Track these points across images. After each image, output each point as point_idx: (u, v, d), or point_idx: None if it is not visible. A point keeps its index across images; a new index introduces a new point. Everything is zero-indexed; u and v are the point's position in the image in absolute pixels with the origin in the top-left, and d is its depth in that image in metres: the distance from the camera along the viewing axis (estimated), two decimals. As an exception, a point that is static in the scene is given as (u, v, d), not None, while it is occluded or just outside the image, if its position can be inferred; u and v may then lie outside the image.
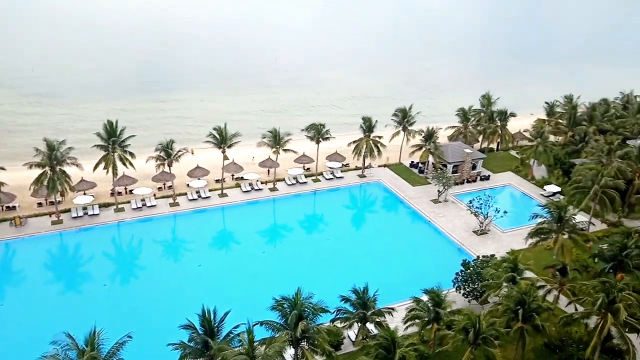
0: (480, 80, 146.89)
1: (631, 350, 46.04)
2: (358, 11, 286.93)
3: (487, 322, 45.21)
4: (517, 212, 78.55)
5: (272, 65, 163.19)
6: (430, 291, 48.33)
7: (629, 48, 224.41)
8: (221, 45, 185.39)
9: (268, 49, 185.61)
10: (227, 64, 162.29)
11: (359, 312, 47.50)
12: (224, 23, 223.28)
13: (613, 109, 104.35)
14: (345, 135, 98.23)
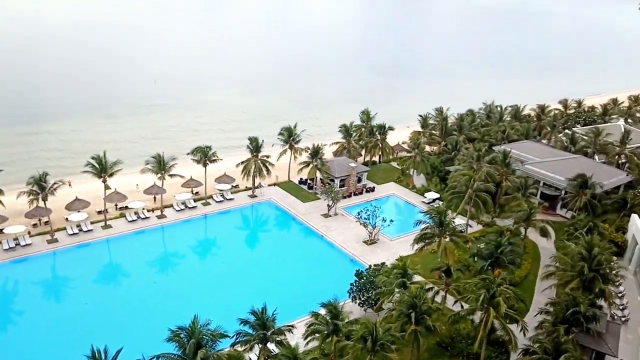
0: (359, 97, 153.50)
1: (513, 340, 50.02)
2: (234, 34, 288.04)
3: (383, 329, 46.81)
4: (402, 220, 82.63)
5: (151, 88, 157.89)
6: (328, 304, 49.06)
7: (487, 62, 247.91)
8: (94, 69, 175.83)
9: (146, 72, 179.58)
10: (102, 89, 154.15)
11: (259, 333, 46.87)
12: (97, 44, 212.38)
13: (478, 119, 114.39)
14: (233, 157, 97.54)
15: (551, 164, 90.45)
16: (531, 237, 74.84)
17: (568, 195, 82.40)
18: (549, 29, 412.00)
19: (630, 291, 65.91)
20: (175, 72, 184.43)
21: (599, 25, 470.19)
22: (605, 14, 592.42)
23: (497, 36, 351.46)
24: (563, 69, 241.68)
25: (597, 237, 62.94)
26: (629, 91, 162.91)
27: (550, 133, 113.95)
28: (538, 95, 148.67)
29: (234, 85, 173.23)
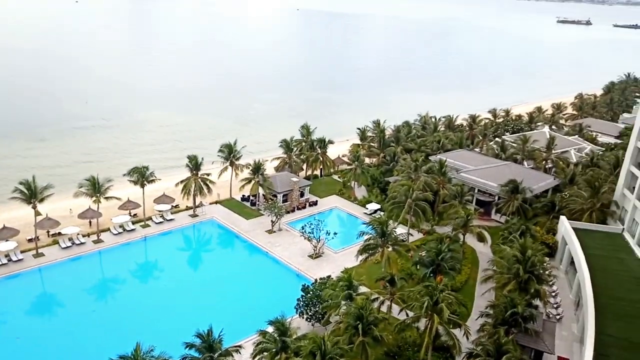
0: (298, 112, 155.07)
1: (457, 344, 51.37)
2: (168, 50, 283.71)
3: (331, 342, 46.85)
4: (346, 232, 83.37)
5: (83, 109, 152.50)
6: (275, 321, 48.66)
7: (420, 74, 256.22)
8: (17, 89, 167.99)
9: (77, 91, 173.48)
10: (28, 111, 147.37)
11: (206, 356, 45.80)
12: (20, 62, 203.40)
13: (414, 130, 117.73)
14: (171, 176, 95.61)
15: (484, 171, 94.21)
16: (469, 242, 77.46)
17: (501, 201, 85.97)
18: (476, 42, 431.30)
19: (562, 290, 69.32)
20: (109, 91, 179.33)
21: (523, 38, 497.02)
22: (527, 27, 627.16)
23: (427, 49, 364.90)
24: (490, 80, 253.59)
25: (529, 240, 66.02)
26: (552, 99, 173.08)
27: (482, 141, 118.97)
28: (469, 105, 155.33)
29: (170, 103, 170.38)
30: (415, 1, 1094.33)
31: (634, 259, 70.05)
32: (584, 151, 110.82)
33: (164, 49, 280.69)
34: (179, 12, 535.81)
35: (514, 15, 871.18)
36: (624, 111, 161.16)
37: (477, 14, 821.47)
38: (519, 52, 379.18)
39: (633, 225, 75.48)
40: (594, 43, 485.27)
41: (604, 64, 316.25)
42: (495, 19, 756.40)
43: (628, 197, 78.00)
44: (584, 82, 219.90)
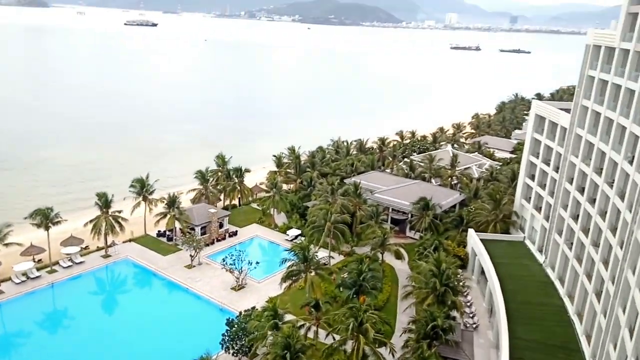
0: (212, 142, 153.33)
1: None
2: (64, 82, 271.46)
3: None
4: (268, 260, 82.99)
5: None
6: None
7: (330, 101, 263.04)
8: None
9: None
10: None
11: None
12: None
13: (328, 154, 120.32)
14: (79, 216, 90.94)
15: (396, 191, 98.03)
16: (388, 260, 79.90)
17: (414, 218, 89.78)
18: (379, 70, 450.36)
19: (476, 299, 73.14)
20: (2, 128, 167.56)
21: (423, 63, 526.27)
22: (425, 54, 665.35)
23: (334, 78, 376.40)
24: (396, 104, 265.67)
25: (443, 254, 69.44)
26: (452, 120, 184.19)
27: (392, 162, 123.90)
28: (378, 128, 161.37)
29: (75, 139, 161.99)
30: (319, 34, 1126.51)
31: (536, 264, 75.64)
32: (484, 167, 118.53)
33: (65, 84, 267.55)
34: (82, 46, 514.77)
35: (413, 43, 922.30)
36: (515, 128, 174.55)
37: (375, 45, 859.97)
38: (420, 77, 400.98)
39: (532, 232, 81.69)
40: (484, 66, 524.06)
41: (492, 85, 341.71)
42: (394, 48, 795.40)
43: (526, 207, 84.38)
44: (479, 103, 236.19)
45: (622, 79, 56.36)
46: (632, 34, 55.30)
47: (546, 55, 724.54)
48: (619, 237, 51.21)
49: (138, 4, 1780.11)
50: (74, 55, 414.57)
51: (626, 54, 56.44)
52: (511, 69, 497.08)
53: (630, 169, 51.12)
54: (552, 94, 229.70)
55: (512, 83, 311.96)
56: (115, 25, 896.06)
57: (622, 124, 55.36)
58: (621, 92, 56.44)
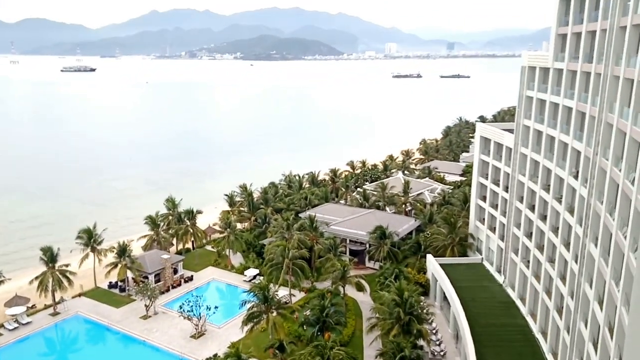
0: (160, 186, 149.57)
1: (354, 400, 51.03)
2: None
3: None
4: (227, 303, 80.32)
5: None
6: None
7: (275, 136, 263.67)
8: None
9: None
10: None
11: None
12: None
13: (281, 189, 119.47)
14: (23, 273, 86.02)
15: (352, 222, 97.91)
16: (350, 293, 78.84)
17: (372, 248, 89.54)
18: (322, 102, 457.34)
19: (441, 325, 72.86)
20: None
21: (361, 93, 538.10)
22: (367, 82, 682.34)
23: (278, 113, 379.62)
24: (343, 135, 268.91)
25: (404, 282, 69.23)
26: (400, 147, 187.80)
27: (345, 193, 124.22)
28: (328, 160, 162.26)
29: (11, 194, 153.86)
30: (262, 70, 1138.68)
31: (496, 285, 76.56)
32: (436, 191, 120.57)
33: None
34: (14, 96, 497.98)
35: (356, 73, 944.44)
36: (462, 151, 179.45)
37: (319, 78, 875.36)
38: (365, 106, 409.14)
39: (489, 253, 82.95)
40: (427, 92, 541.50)
41: (437, 110, 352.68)
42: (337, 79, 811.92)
43: (481, 229, 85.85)
44: (425, 128, 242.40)
45: (559, 97, 58.72)
46: (563, 54, 58.09)
47: (485, 78, 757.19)
48: (573, 252, 52.48)
49: (74, 50, 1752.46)
50: (5, 106, 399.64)
51: (560, 73, 59.02)
52: (453, 94, 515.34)
53: (576, 183, 52.85)
54: (494, 115, 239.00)
55: (456, 107, 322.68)
56: (52, 73, 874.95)
57: (564, 141, 57.39)
58: (559, 110, 58.78)
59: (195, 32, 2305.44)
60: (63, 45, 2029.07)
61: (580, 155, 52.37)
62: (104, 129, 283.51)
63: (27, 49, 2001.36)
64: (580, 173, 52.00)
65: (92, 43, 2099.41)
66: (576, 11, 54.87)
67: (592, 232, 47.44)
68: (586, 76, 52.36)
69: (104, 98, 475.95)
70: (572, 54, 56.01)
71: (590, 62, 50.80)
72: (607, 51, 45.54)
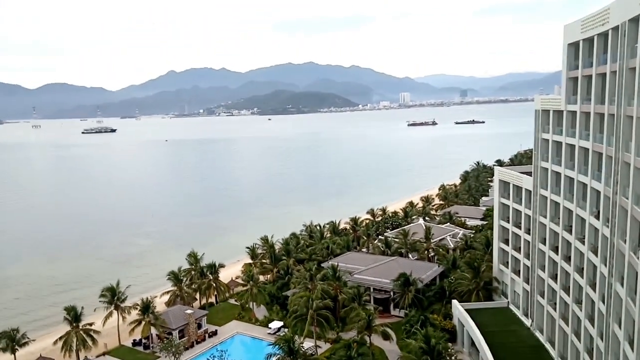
0: (181, 241, 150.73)
1: None
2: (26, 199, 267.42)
3: None
4: (253, 357, 79.17)
5: None
6: None
7: (294, 189, 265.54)
8: None
9: None
10: None
11: None
12: None
13: (302, 240, 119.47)
14: (47, 334, 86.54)
15: (375, 270, 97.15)
16: (376, 342, 77.31)
17: (396, 295, 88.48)
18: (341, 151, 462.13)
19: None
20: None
21: (382, 142, 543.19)
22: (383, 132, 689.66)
23: (295, 163, 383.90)
24: (361, 183, 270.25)
25: (430, 329, 67.98)
26: (420, 193, 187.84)
27: (367, 241, 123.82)
28: (348, 209, 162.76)
29: (36, 254, 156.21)
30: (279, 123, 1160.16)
31: (524, 329, 74.72)
32: (458, 236, 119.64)
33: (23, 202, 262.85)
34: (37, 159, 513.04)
35: (371, 123, 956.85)
36: (482, 195, 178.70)
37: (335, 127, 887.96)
38: (381, 155, 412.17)
39: (515, 297, 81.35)
40: (442, 139, 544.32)
41: (455, 156, 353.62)
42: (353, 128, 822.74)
43: (505, 272, 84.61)
44: (443, 174, 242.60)
45: (574, 138, 59.09)
46: (575, 96, 58.81)
47: (499, 123, 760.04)
48: (600, 292, 51.50)
49: (95, 112, 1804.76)
50: (29, 170, 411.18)
51: (574, 115, 59.59)
52: (469, 139, 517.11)
53: (598, 223, 52.45)
54: (511, 158, 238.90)
55: (472, 152, 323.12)
56: (73, 135, 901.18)
57: (583, 181, 57.34)
58: (576, 151, 59.01)
59: (213, 90, 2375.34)
60: (84, 107, 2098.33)
61: (600, 194, 52.16)
62: (125, 188, 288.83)
63: (49, 112, 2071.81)
64: (601, 212, 51.62)
65: (112, 104, 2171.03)
66: (585, 55, 55.77)
67: (617, 271, 46.78)
68: (600, 117, 52.79)
69: (124, 158, 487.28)
70: (584, 96, 56.64)
71: (602, 103, 51.33)
72: (619, 92, 46.27)
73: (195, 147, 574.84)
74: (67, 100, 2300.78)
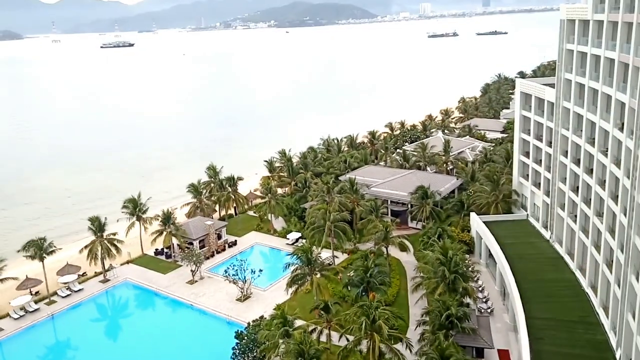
0: (200, 154, 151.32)
1: (401, 359, 50.87)
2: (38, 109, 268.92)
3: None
4: (271, 266, 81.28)
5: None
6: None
7: (310, 101, 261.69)
8: None
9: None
10: None
11: None
12: None
13: (320, 154, 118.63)
14: (73, 243, 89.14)
15: (393, 183, 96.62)
16: (393, 254, 78.44)
17: (414, 208, 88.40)
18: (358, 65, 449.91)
19: (487, 283, 71.83)
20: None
21: (401, 54, 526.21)
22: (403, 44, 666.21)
23: (311, 77, 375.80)
24: (379, 96, 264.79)
25: (448, 241, 68.13)
26: (439, 106, 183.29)
27: (385, 155, 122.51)
28: (366, 122, 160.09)
29: (59, 166, 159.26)
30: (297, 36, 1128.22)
31: (543, 241, 74.49)
32: (477, 149, 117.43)
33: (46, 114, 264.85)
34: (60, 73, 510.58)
35: (390, 36, 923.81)
36: (502, 108, 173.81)
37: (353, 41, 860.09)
38: (402, 68, 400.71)
39: (535, 209, 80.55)
40: (463, 51, 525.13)
41: (476, 68, 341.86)
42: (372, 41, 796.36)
43: (525, 185, 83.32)
44: (463, 87, 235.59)
45: (600, 49, 56.70)
46: (603, 5, 55.58)
47: (523, 33, 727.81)
48: (622, 204, 50.30)
49: (112, 26, 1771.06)
50: (53, 84, 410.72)
51: (600, 25, 56.88)
52: (491, 51, 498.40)
53: (622, 135, 50.55)
54: (534, 70, 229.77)
55: (494, 64, 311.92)
56: (92, 49, 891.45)
57: (607, 93, 55.45)
58: (601, 62, 56.74)
59: (229, 2, 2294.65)
60: (101, 22, 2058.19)
61: (625, 106, 49.94)
62: (144, 102, 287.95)
63: (67, 27, 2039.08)
64: (625, 125, 49.53)
65: (129, 18, 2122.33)
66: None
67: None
68: (628, 26, 50.19)
69: (142, 71, 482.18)
70: (612, 5, 53.60)
71: (631, 12, 48.46)
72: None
73: (212, 62, 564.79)
74: (85, 15, 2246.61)
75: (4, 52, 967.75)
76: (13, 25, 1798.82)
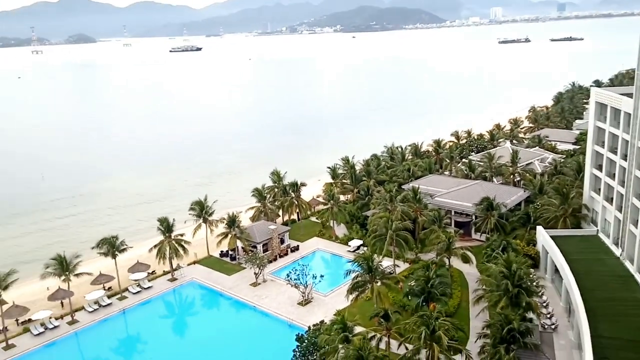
0: (266, 159, 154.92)
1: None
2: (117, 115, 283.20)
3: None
4: (332, 273, 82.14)
5: (39, 185, 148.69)
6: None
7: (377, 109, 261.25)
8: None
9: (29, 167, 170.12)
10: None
11: None
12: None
13: (383, 162, 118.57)
14: (143, 242, 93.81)
15: (457, 193, 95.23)
16: (455, 265, 77.32)
17: (478, 219, 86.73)
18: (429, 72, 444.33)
19: (552, 298, 69.44)
20: (63, 161, 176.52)
21: (471, 61, 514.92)
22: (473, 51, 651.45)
23: (379, 85, 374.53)
24: (446, 105, 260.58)
25: (512, 254, 66.20)
26: (508, 116, 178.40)
27: (450, 164, 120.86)
28: (431, 131, 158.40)
29: (130, 169, 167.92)
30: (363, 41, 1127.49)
31: (613, 258, 71.11)
32: (547, 160, 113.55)
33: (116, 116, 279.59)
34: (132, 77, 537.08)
35: (459, 41, 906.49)
36: (575, 118, 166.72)
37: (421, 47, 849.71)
38: (471, 75, 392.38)
39: (606, 225, 77.01)
40: (535, 58, 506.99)
41: (549, 76, 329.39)
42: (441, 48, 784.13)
43: (596, 199, 79.83)
44: (534, 96, 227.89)
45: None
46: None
47: (600, 40, 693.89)
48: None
49: (181, 30, 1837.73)
50: (127, 88, 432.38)
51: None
52: (565, 58, 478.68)
53: None
54: (610, 79, 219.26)
55: (568, 72, 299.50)
56: (162, 53, 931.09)
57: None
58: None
59: (295, 7, 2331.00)
60: (171, 26, 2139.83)
61: None
62: (210, 107, 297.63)
63: (138, 31, 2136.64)
64: None
65: (197, 23, 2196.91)
66: None
67: None
68: None
69: (210, 76, 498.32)
70: None
71: None
72: None
73: (277, 67, 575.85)
74: (155, 19, 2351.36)
75: (79, 55, 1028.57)
76: (87, 29, 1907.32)
